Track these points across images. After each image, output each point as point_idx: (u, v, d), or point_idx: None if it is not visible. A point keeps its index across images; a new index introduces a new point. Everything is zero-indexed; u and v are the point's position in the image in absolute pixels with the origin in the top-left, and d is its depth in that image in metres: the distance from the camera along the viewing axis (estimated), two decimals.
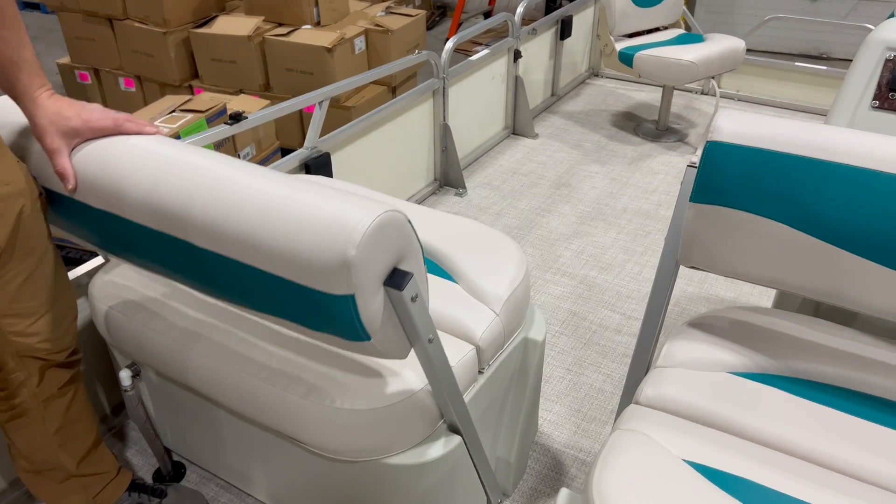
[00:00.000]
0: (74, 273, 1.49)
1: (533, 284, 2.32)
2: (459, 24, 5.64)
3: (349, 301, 0.84)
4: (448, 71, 2.68)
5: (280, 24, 3.75)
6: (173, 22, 3.74)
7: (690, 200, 1.18)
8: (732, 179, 1.14)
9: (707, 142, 1.16)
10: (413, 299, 0.91)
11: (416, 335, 0.96)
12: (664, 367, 1.24)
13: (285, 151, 3.32)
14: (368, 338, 0.89)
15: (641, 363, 1.32)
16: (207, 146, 2.83)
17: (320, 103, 2.07)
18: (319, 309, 0.86)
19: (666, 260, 1.27)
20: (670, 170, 3.05)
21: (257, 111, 1.90)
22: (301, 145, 2.11)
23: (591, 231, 2.62)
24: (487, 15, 6.05)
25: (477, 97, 2.99)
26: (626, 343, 2.06)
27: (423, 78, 2.81)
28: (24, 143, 1.15)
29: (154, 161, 1.00)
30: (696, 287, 2.30)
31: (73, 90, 4.16)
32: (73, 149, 1.09)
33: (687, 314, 2.18)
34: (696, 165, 1.19)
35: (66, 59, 4.12)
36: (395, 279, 0.88)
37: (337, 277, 0.82)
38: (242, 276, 0.89)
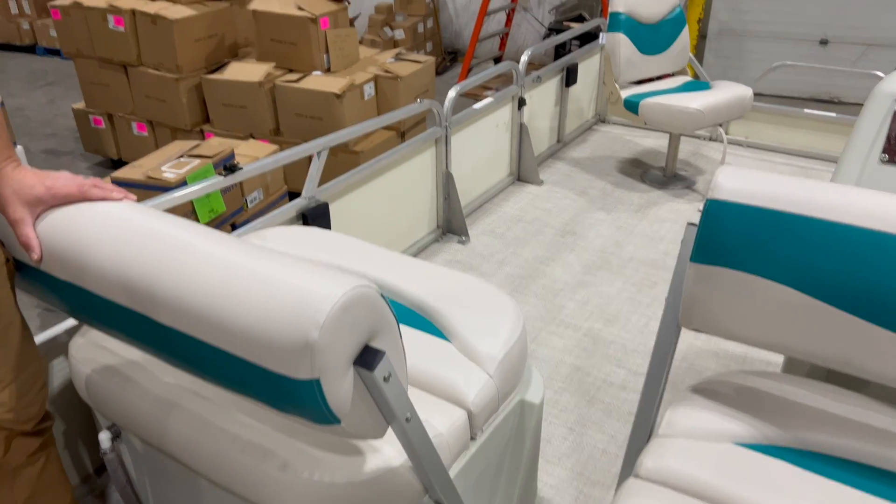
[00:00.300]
0: (54, 331, 1.47)
1: (536, 337, 2.27)
2: (470, 70, 5.70)
3: (314, 385, 0.79)
4: (451, 119, 2.68)
5: (291, 70, 3.80)
6: (186, 68, 3.80)
7: (691, 260, 1.15)
8: (734, 239, 1.11)
9: (707, 200, 1.12)
10: (386, 379, 0.85)
11: (391, 415, 0.91)
12: (666, 436, 1.18)
13: (293, 195, 3.33)
14: (338, 421, 0.84)
15: (643, 431, 1.27)
16: (214, 194, 2.84)
17: (318, 154, 2.06)
18: (283, 393, 0.81)
19: (667, 322, 1.23)
20: (678, 217, 3.01)
21: (253, 163, 1.89)
22: None
23: (597, 281, 2.57)
24: (498, 60, 6.10)
25: (481, 144, 2.99)
26: (631, 401, 2.00)
27: (432, 122, 2.82)
28: None
29: (118, 231, 0.97)
30: (703, 341, 2.24)
31: (88, 135, 4.22)
32: (37, 217, 1.07)
33: (694, 370, 2.11)
34: (696, 224, 1.15)
35: (80, 104, 4.19)
36: (366, 358, 0.83)
37: (299, 361, 0.77)
38: (206, 356, 0.85)
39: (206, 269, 0.84)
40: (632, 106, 3.08)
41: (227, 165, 1.78)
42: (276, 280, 0.81)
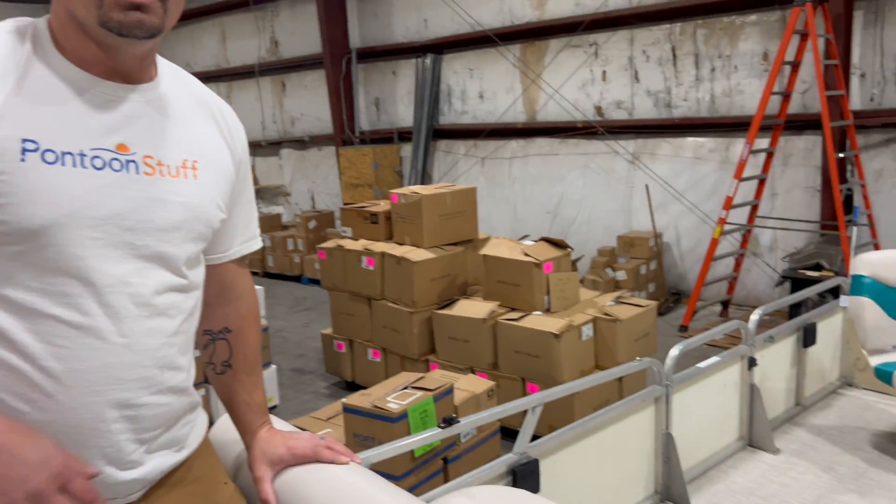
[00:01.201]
0: None
1: None
2: (695, 312, 5.55)
3: None
4: (672, 378, 2.58)
5: (513, 309, 4.00)
6: (420, 303, 4.18)
7: None
8: None
9: None
10: None
11: None
12: None
13: (506, 431, 3.33)
14: None
15: None
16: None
17: (533, 409, 2.07)
18: None
19: None
20: None
21: (471, 415, 1.96)
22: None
23: None
24: (726, 304, 5.90)
25: (706, 404, 2.81)
26: None
27: (651, 378, 2.73)
28: (237, 464, 1.31)
29: (341, 494, 1.06)
30: None
31: (330, 357, 4.71)
32: (276, 474, 1.23)
33: None
34: None
35: (328, 330, 4.73)
36: None
37: None
38: None
39: None
40: (884, 376, 2.75)
41: (446, 418, 1.86)
42: None
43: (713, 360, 2.83)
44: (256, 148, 9.90)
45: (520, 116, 7.37)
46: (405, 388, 3.12)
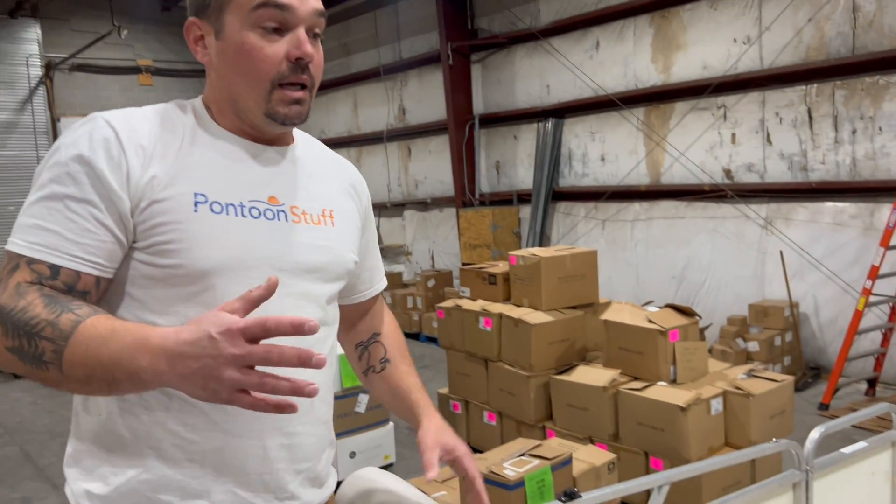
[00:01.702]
0: None
1: None
2: (836, 390, 5.12)
3: None
4: (813, 463, 2.38)
5: (636, 378, 3.86)
6: (538, 367, 4.12)
7: None
8: None
9: None
10: None
11: None
12: None
13: None
14: None
15: None
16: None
17: (659, 488, 1.98)
18: None
19: None
20: None
21: (592, 490, 1.89)
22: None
23: None
24: (872, 382, 5.40)
25: (851, 495, 2.56)
26: None
27: (789, 461, 2.53)
28: None
29: None
30: None
31: (445, 417, 4.68)
32: (439, 455, 1.34)
33: None
34: None
35: (445, 389, 4.75)
36: None
37: None
38: None
39: None
40: None
41: (568, 492, 1.81)
42: None
43: (860, 445, 2.59)
44: (381, 209, 10.31)
45: (643, 179, 7.25)
46: (522, 454, 3.07)
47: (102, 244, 1.08)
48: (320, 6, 1.19)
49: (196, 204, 1.12)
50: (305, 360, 0.90)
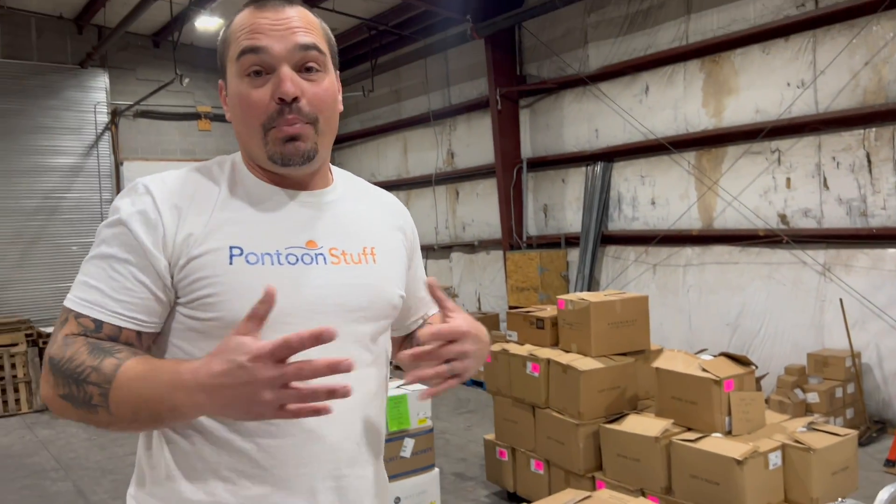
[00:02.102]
0: None
1: None
2: None
3: None
4: None
5: (689, 429, 3.73)
6: (587, 416, 4.03)
7: None
8: None
9: None
10: None
11: None
12: None
13: None
14: None
15: None
16: None
17: None
18: None
19: None
20: None
21: None
22: None
23: None
24: None
25: None
26: None
27: None
28: None
29: None
30: None
31: (492, 464, 4.62)
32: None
33: None
34: None
35: (491, 436, 4.68)
36: None
37: None
38: None
39: None
40: None
41: None
42: None
43: None
44: (429, 251, 10.37)
45: (695, 223, 7.13)
46: None
47: (141, 301, 1.14)
48: (304, 40, 1.18)
49: (231, 257, 1.15)
50: (335, 368, 0.96)
